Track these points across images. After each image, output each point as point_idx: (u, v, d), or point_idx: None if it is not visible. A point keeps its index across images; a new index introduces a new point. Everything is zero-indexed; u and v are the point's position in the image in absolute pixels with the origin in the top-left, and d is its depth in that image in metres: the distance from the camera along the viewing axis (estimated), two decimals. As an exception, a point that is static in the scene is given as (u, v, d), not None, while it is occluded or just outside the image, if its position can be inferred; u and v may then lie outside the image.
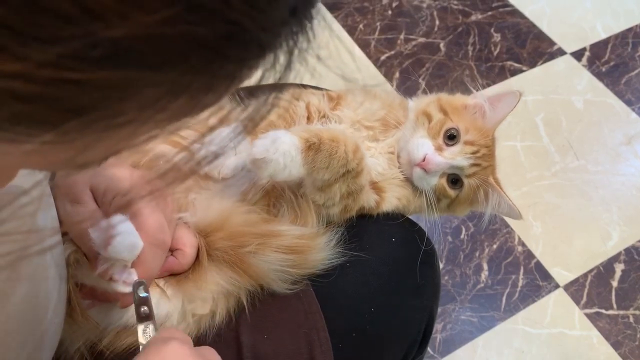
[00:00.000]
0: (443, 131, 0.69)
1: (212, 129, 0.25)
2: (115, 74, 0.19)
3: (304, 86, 0.75)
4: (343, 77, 0.26)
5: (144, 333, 0.47)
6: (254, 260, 0.57)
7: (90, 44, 0.18)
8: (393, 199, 0.68)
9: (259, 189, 0.62)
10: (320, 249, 0.60)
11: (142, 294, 0.47)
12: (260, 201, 0.62)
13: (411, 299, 0.65)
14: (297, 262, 0.59)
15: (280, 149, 0.55)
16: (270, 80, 0.24)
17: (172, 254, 0.55)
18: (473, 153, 0.69)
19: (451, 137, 0.69)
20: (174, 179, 0.26)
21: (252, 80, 0.24)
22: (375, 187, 0.67)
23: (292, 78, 0.25)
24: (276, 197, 0.63)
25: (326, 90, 0.75)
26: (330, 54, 0.26)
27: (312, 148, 0.57)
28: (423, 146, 0.68)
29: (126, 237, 0.47)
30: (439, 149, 0.69)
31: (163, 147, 0.61)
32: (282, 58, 0.23)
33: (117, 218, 0.47)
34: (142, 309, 0.47)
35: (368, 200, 0.66)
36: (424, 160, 0.67)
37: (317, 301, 0.60)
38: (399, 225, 0.67)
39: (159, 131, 0.23)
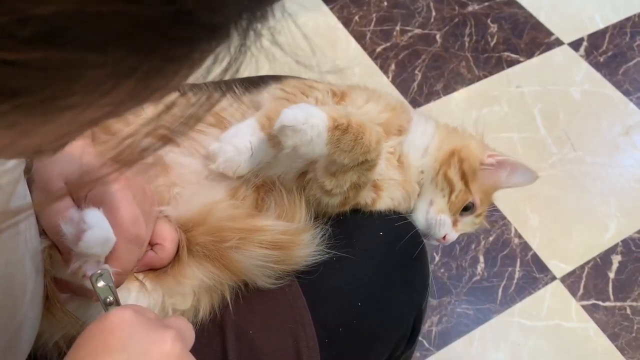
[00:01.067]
0: (462, 207, 0.72)
1: (167, 108, 0.24)
2: (52, 54, 0.18)
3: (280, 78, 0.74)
4: (298, 62, 0.26)
5: None
6: (235, 256, 0.56)
7: (19, 22, 0.17)
8: (388, 198, 0.68)
9: (251, 185, 0.61)
10: (305, 245, 0.60)
11: (100, 284, 0.46)
12: (249, 196, 0.61)
13: (399, 294, 0.64)
14: (280, 257, 0.58)
15: (310, 121, 0.55)
16: (223, 63, 0.23)
17: (151, 249, 0.54)
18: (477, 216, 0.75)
19: (466, 209, 0.73)
20: (130, 160, 0.26)
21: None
22: (374, 185, 0.67)
23: (246, 63, 0.24)
24: (265, 191, 0.62)
25: (330, 85, 0.74)
26: (287, 39, 0.25)
27: (339, 128, 0.56)
28: (444, 226, 0.71)
29: (98, 231, 0.46)
30: (454, 223, 0.73)
31: (146, 140, 0.60)
32: (235, 41, 0.22)
33: (89, 211, 0.46)
34: (108, 299, 0.46)
35: (367, 196, 0.66)
36: (443, 238, 0.72)
37: (303, 296, 0.59)
38: (388, 220, 0.67)
39: (110, 115, 0.22)
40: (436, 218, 0.71)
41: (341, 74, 1.61)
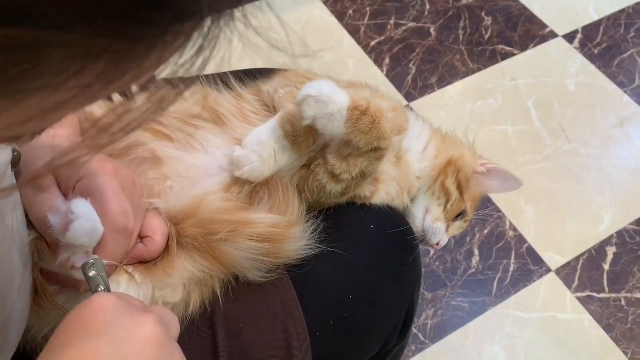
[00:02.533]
0: (457, 214, 0.76)
1: (137, 92, 0.24)
2: (16, 32, 0.18)
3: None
4: (272, 45, 0.25)
5: None
6: (226, 248, 0.56)
7: None
8: (384, 193, 0.69)
9: (245, 182, 0.61)
10: (295, 239, 0.60)
11: (91, 273, 0.46)
12: (243, 189, 0.61)
13: (391, 286, 0.64)
14: (271, 250, 0.58)
15: (333, 96, 0.57)
16: (195, 45, 0.23)
17: (141, 241, 0.54)
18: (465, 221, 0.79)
19: (458, 215, 0.77)
20: (102, 143, 0.26)
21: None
22: (374, 178, 0.68)
23: (219, 45, 0.24)
24: (261, 184, 0.62)
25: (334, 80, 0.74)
26: (261, 24, 0.25)
27: (358, 109, 0.58)
28: (439, 233, 0.74)
29: (85, 221, 0.45)
30: (447, 228, 0.76)
31: (139, 133, 0.60)
32: (208, 23, 0.22)
33: (77, 202, 0.46)
34: (100, 289, 0.46)
35: (366, 189, 0.66)
36: (437, 244, 0.75)
37: (294, 289, 0.59)
38: (379, 212, 0.67)
39: (80, 98, 0.22)
40: (433, 226, 0.74)
41: (315, 58, 1.61)
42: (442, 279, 1.33)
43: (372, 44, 1.72)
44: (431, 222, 0.74)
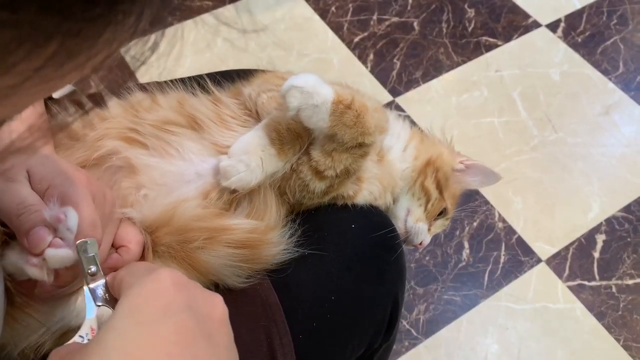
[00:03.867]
0: (438, 213, 0.77)
1: (85, 77, 0.24)
2: None
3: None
4: (221, 22, 0.25)
5: (97, 293, 0.46)
6: (202, 256, 0.55)
7: None
8: (367, 192, 0.69)
9: (224, 187, 0.60)
10: (273, 244, 0.59)
11: (90, 254, 0.46)
12: (222, 195, 0.61)
13: (373, 285, 0.64)
14: (248, 256, 0.57)
15: (318, 88, 0.58)
16: (142, 25, 0.22)
17: (116, 251, 0.53)
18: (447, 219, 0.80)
19: (439, 214, 0.78)
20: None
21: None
22: (357, 177, 0.67)
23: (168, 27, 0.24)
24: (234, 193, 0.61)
25: None
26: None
27: (343, 103, 0.58)
28: (422, 233, 0.76)
29: (57, 251, 0.45)
30: (429, 227, 0.77)
31: (114, 142, 0.59)
32: (157, 2, 0.22)
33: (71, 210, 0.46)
34: (90, 269, 0.46)
35: (349, 188, 0.66)
36: (420, 244, 0.76)
37: (275, 293, 0.59)
38: (360, 212, 0.66)
39: (32, 82, 0.21)
40: (415, 226, 0.75)
41: (300, 56, 1.61)
42: (432, 274, 1.32)
43: (356, 40, 1.72)
44: (413, 222, 0.75)
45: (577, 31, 1.76)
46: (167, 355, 0.36)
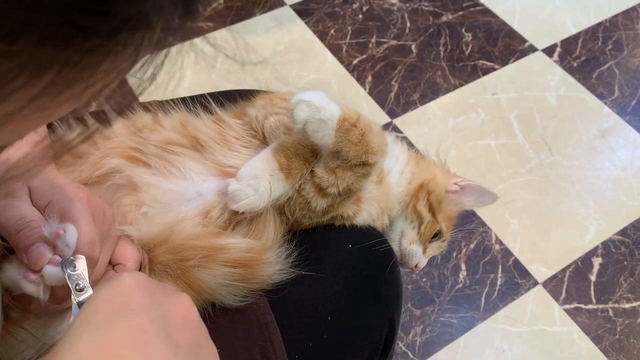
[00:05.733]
0: (432, 236, 0.78)
1: (82, 106, 0.24)
2: None
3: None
4: (220, 52, 0.25)
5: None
6: (199, 274, 0.56)
7: None
8: (366, 213, 0.69)
9: (226, 207, 0.60)
10: (270, 263, 0.59)
11: (77, 270, 0.46)
12: (223, 214, 0.61)
13: (370, 306, 0.64)
14: (244, 275, 0.57)
15: (325, 104, 0.59)
16: (141, 54, 0.22)
17: (113, 268, 0.54)
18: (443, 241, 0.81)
19: (434, 236, 0.79)
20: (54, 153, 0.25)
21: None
22: (357, 197, 0.68)
23: (175, 56, 0.24)
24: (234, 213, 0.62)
25: None
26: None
27: (348, 121, 0.60)
28: (416, 255, 0.77)
29: (55, 268, 0.46)
30: (424, 250, 0.78)
31: (117, 161, 0.60)
32: (157, 32, 0.22)
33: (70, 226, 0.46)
34: (78, 285, 0.46)
35: (349, 208, 0.67)
36: (415, 266, 0.77)
37: (271, 312, 0.59)
38: (357, 232, 0.67)
39: (30, 109, 0.21)
40: (409, 249, 0.76)
41: (298, 78, 1.62)
42: (429, 295, 1.32)
43: (354, 62, 1.74)
44: (407, 244, 0.76)
45: (572, 56, 1.78)
46: (119, 357, 0.35)
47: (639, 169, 1.54)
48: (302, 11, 1.86)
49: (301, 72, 1.71)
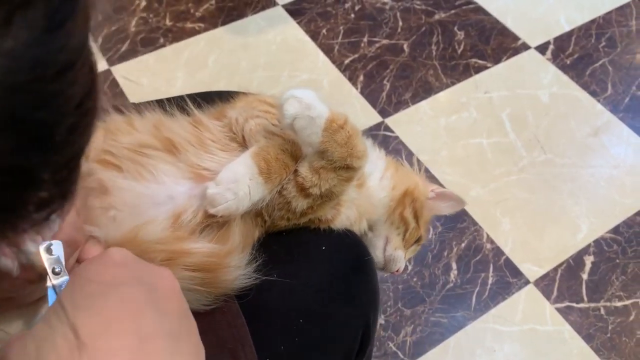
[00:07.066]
0: (414, 241, 0.81)
1: None
2: None
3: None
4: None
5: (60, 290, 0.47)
6: None
7: None
8: (344, 217, 0.70)
9: (197, 210, 0.60)
10: (233, 268, 0.59)
11: (55, 255, 0.46)
12: (194, 218, 0.61)
13: (344, 308, 0.63)
14: (206, 280, 0.57)
15: (316, 103, 0.60)
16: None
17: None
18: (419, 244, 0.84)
19: (416, 241, 0.82)
20: None
21: None
22: (337, 201, 0.68)
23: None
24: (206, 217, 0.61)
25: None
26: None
27: (336, 122, 0.60)
28: (400, 261, 0.79)
29: (32, 248, 0.46)
30: (405, 254, 0.81)
31: (89, 165, 0.60)
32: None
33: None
34: (54, 269, 0.46)
35: (329, 211, 0.67)
36: (397, 270, 0.80)
37: (242, 315, 0.58)
38: (331, 234, 0.66)
39: None
40: (394, 254, 0.78)
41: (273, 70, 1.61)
42: (420, 295, 1.32)
43: (346, 61, 1.73)
44: (392, 250, 0.78)
45: (566, 53, 1.78)
46: (112, 326, 0.37)
47: (632, 166, 1.53)
48: (294, 11, 1.86)
49: (293, 72, 1.71)
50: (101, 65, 1.69)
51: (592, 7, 1.90)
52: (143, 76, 1.68)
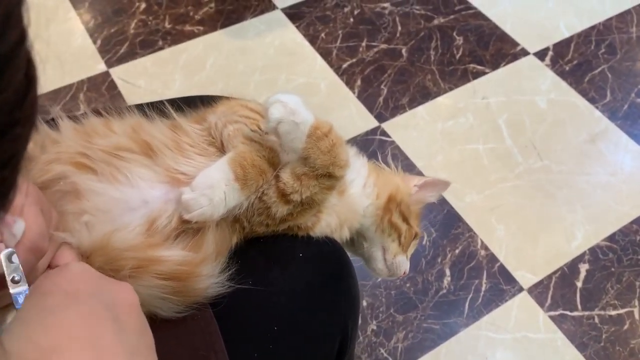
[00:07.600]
0: (411, 241, 0.81)
1: None
2: None
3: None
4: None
5: (19, 300, 0.46)
6: (131, 285, 0.55)
7: None
8: (324, 223, 0.69)
9: (172, 215, 0.60)
10: (205, 277, 0.59)
11: (14, 262, 0.46)
12: (169, 224, 0.60)
13: (320, 315, 0.63)
14: (177, 289, 0.57)
15: (301, 109, 0.59)
16: None
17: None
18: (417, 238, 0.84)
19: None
20: None
21: None
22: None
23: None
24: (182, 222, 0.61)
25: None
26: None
27: (321, 130, 0.60)
28: (403, 264, 0.80)
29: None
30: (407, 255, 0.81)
31: (62, 167, 0.59)
32: None
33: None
34: (14, 277, 0.46)
35: (308, 219, 0.67)
36: (403, 273, 0.81)
37: (215, 322, 0.58)
38: (309, 241, 0.66)
39: None
40: (394, 262, 0.79)
41: (270, 73, 1.62)
42: (412, 301, 1.31)
43: (344, 66, 1.73)
44: (392, 258, 0.78)
45: (565, 59, 1.77)
46: (71, 339, 0.37)
47: (630, 174, 1.52)
48: (293, 15, 1.86)
49: (290, 75, 1.71)
50: (99, 66, 1.70)
51: (592, 14, 1.89)
52: (141, 78, 1.68)
